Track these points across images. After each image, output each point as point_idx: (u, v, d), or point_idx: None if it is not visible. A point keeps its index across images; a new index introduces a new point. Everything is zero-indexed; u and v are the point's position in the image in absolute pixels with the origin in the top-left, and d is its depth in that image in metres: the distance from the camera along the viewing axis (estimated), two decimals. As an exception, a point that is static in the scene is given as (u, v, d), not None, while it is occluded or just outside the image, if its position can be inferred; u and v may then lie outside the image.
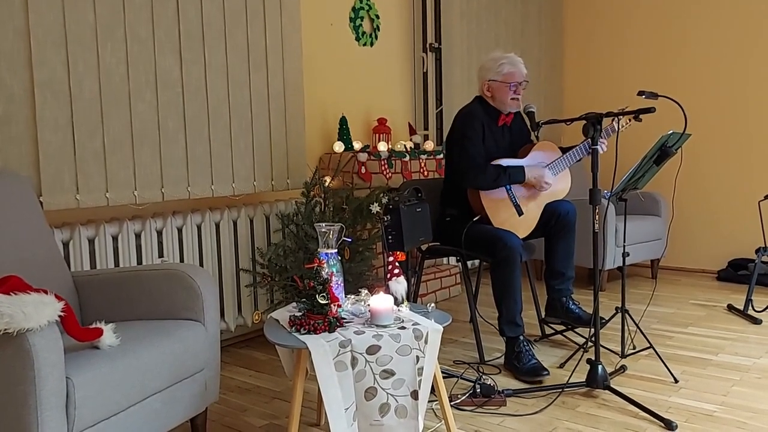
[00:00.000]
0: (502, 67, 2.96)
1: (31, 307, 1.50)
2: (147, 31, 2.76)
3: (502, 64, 2.96)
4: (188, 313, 2.08)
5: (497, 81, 2.97)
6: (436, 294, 4.17)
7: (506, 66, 2.96)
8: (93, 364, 1.66)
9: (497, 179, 2.88)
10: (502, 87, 2.97)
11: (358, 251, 3.20)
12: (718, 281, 4.63)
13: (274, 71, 3.32)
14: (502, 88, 2.97)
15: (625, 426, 2.24)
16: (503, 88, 2.97)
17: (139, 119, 2.75)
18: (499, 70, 2.96)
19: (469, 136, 2.93)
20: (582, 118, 2.50)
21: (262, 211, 3.31)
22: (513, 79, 2.95)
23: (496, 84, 2.98)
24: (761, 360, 2.89)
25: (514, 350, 2.77)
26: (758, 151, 4.69)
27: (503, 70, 2.96)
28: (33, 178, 2.42)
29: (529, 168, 2.93)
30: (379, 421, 1.88)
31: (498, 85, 2.98)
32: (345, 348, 1.84)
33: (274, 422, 2.37)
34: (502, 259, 2.78)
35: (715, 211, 4.90)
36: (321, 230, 2.12)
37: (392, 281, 2.17)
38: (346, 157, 3.62)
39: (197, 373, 2.04)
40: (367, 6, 4.08)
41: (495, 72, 2.97)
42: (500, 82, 2.97)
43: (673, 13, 4.99)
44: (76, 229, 2.61)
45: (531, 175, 2.92)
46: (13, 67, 2.36)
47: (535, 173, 2.92)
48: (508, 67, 2.96)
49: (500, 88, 2.97)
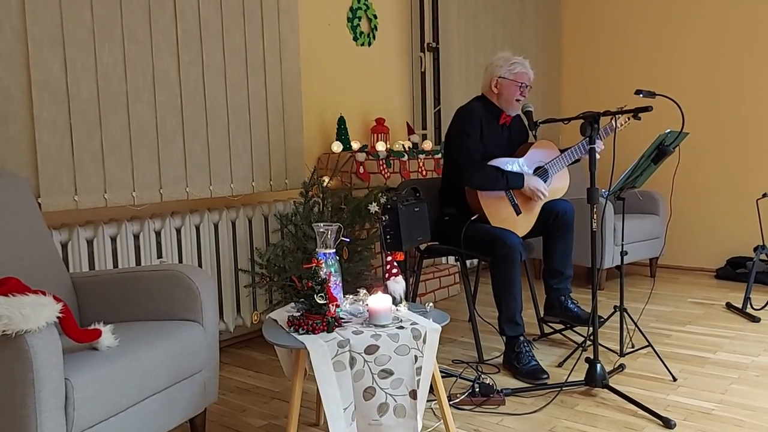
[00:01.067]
0: (514, 66, 3.01)
1: (29, 308, 1.50)
2: (144, 31, 2.76)
3: (515, 64, 3.02)
4: (187, 314, 2.08)
5: (508, 79, 3.01)
6: (435, 293, 4.17)
7: (518, 66, 3.01)
8: (92, 365, 1.66)
9: (495, 182, 2.89)
10: (512, 85, 3.01)
11: (356, 251, 3.20)
12: (717, 279, 4.63)
13: (272, 71, 3.32)
14: (511, 87, 3.01)
15: (624, 424, 2.25)
16: (513, 87, 3.00)
17: (137, 120, 2.75)
18: (511, 69, 3.01)
19: (468, 132, 2.95)
20: (580, 118, 2.51)
21: (261, 212, 3.31)
22: (523, 79, 3.00)
23: (506, 82, 3.01)
24: (759, 358, 2.90)
25: (514, 350, 2.78)
26: (756, 150, 4.69)
27: (515, 69, 3.01)
28: (31, 179, 2.42)
29: (528, 177, 2.95)
30: (377, 421, 1.88)
31: (508, 83, 3.01)
32: (343, 348, 1.84)
33: (273, 422, 2.37)
34: (502, 258, 2.78)
35: (713, 210, 4.90)
36: (319, 230, 2.12)
37: (391, 281, 2.17)
38: (344, 157, 3.62)
39: (196, 374, 2.04)
40: (364, 6, 4.08)
41: (506, 70, 3.02)
42: (510, 81, 3.00)
43: (670, 13, 5.00)
44: (75, 230, 2.61)
45: (529, 185, 2.93)
46: (11, 67, 2.35)
47: (532, 184, 2.94)
48: (519, 67, 3.02)
49: (510, 86, 3.01)
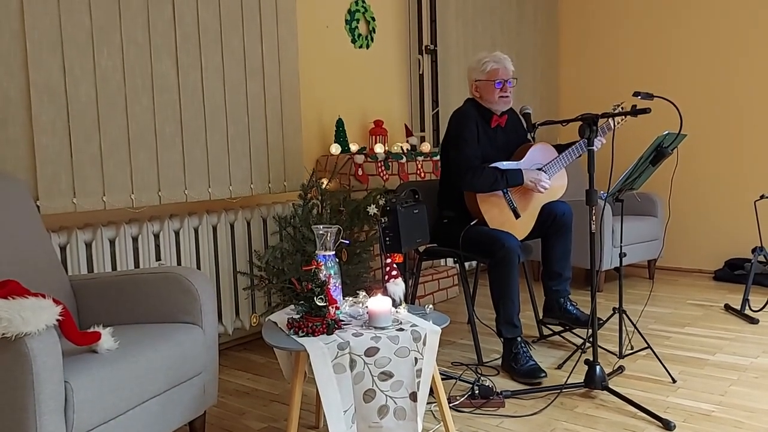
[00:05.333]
0: (486, 65, 2.94)
1: (29, 311, 1.50)
2: (143, 34, 2.76)
3: (486, 62, 2.94)
4: (186, 317, 2.08)
5: (482, 80, 2.95)
6: (434, 296, 4.17)
7: (490, 64, 2.93)
8: (91, 368, 1.66)
9: (494, 183, 2.87)
10: (488, 85, 2.94)
11: (355, 253, 3.20)
12: (715, 281, 4.64)
13: (270, 74, 3.32)
14: (488, 87, 2.94)
15: (624, 426, 2.25)
16: (489, 87, 2.94)
17: (136, 122, 2.75)
18: (483, 69, 2.94)
19: (465, 137, 2.92)
20: (578, 119, 2.51)
21: (260, 214, 3.31)
22: (497, 76, 2.92)
23: (482, 83, 2.96)
24: (758, 359, 2.90)
25: (512, 351, 2.78)
26: (754, 151, 4.70)
27: (487, 68, 2.94)
28: (29, 181, 2.42)
29: (526, 171, 2.92)
30: (378, 423, 1.88)
31: (484, 84, 2.95)
32: (343, 350, 1.84)
33: (273, 425, 2.37)
34: (500, 260, 2.77)
35: (711, 211, 4.91)
36: (318, 232, 2.12)
37: (390, 283, 2.16)
38: (342, 159, 3.62)
39: (195, 377, 2.04)
40: (362, 8, 4.08)
41: (479, 71, 2.96)
42: (486, 81, 2.94)
43: (667, 14, 5.01)
44: (73, 232, 2.60)
45: (528, 178, 2.90)
46: (9, 69, 2.35)
47: (532, 176, 2.90)
48: (492, 64, 2.93)
49: (486, 86, 2.95)
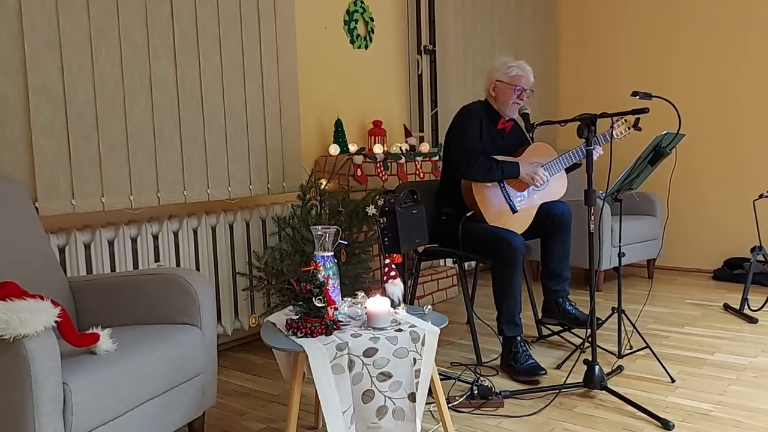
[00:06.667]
0: (511, 69, 3.04)
1: (27, 312, 1.50)
2: (141, 35, 2.76)
3: (512, 67, 3.04)
4: (185, 318, 2.08)
5: (504, 82, 3.04)
6: (433, 296, 4.17)
7: (515, 69, 3.04)
8: (90, 370, 1.65)
9: (489, 171, 2.91)
10: (507, 89, 3.03)
11: (354, 254, 3.20)
12: (714, 280, 4.64)
13: (269, 74, 3.32)
14: (507, 90, 3.03)
15: (623, 426, 2.25)
16: (508, 90, 3.03)
17: (135, 123, 2.74)
18: (508, 72, 3.04)
19: (467, 130, 2.99)
20: (576, 120, 2.51)
21: (258, 215, 3.31)
22: (519, 83, 3.02)
23: (502, 85, 3.04)
24: (757, 359, 2.90)
25: (512, 350, 2.78)
26: (752, 151, 4.70)
27: (512, 72, 3.03)
28: (28, 183, 2.42)
29: (523, 164, 2.97)
30: (376, 424, 1.88)
31: (504, 86, 3.04)
32: (342, 351, 1.84)
33: (272, 426, 2.37)
34: (505, 259, 2.79)
35: (710, 211, 4.91)
36: (317, 233, 2.12)
37: (389, 283, 2.16)
38: (341, 160, 3.62)
39: (194, 378, 2.04)
40: (361, 9, 4.08)
41: (503, 73, 3.05)
42: (506, 84, 3.03)
43: (666, 14, 5.01)
44: (72, 234, 2.60)
45: (525, 171, 2.95)
46: (7, 70, 2.35)
47: (528, 169, 2.96)
48: (516, 70, 3.04)
49: (505, 89, 3.04)
